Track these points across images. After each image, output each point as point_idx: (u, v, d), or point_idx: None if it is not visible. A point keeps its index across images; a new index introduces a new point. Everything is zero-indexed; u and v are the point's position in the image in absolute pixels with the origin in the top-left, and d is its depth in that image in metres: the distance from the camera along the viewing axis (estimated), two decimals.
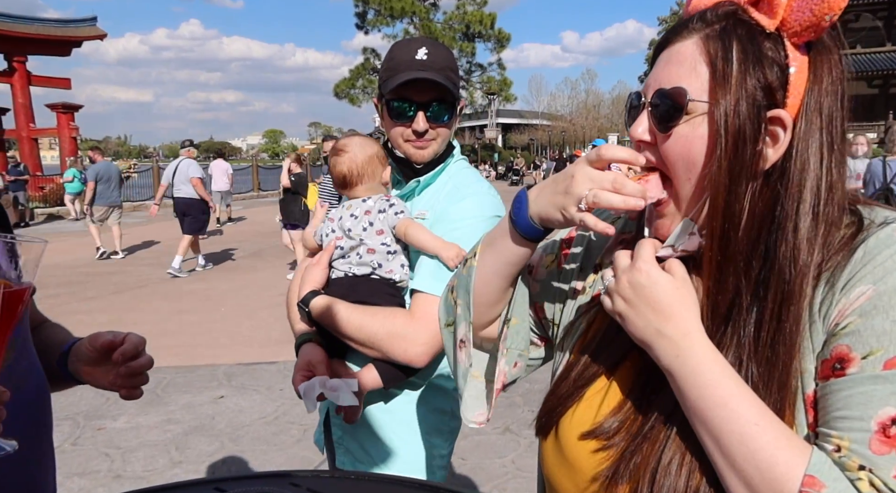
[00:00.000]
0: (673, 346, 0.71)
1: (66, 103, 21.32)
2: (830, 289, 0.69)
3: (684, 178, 0.75)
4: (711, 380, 0.69)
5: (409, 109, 1.45)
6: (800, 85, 0.72)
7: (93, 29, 22.29)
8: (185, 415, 4.32)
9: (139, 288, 8.40)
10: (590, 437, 0.80)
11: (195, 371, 5.16)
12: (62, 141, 20.95)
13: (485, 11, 40.32)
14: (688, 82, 0.73)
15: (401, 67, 1.44)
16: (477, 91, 42.40)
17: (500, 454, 3.68)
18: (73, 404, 4.48)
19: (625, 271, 0.75)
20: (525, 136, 62.68)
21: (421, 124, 1.45)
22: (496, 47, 41.49)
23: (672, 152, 0.75)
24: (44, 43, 21.09)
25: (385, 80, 1.46)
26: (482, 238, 0.96)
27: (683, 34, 0.76)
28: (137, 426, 4.15)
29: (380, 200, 1.50)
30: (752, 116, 0.70)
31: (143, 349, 1.16)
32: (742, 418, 0.67)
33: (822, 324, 0.69)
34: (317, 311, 1.45)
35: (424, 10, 39.99)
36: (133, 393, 1.18)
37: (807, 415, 0.69)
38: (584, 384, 0.85)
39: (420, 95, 1.44)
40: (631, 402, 0.80)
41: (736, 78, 0.70)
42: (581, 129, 63.40)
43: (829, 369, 0.67)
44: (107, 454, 3.76)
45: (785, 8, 0.70)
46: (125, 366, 1.13)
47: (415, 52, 1.44)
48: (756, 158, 0.71)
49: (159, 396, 4.67)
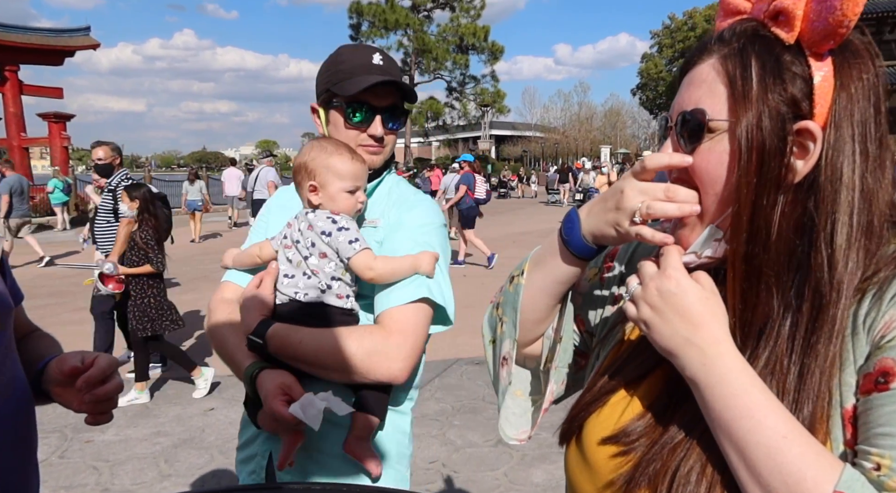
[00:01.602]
0: (700, 354, 0.70)
1: (58, 113, 21.20)
2: (878, 301, 0.68)
3: (711, 193, 0.75)
4: (739, 389, 0.67)
5: (366, 114, 1.43)
6: (826, 93, 0.70)
7: (86, 38, 22.25)
8: (174, 427, 4.27)
9: None
10: (610, 441, 0.80)
11: (185, 383, 5.11)
12: (53, 150, 20.82)
13: (478, 24, 40.72)
14: (708, 102, 0.74)
15: (357, 72, 1.42)
16: (470, 103, 42.66)
17: (493, 467, 3.66)
18: (61, 416, 4.42)
19: (653, 277, 0.74)
20: (518, 147, 62.95)
21: (379, 129, 1.43)
22: (490, 59, 41.86)
23: (698, 170, 0.75)
24: (37, 52, 21.02)
25: (337, 83, 1.42)
26: (530, 257, 0.95)
27: (703, 56, 0.77)
28: (126, 439, 4.10)
29: (323, 218, 1.36)
30: (777, 129, 0.70)
31: (113, 373, 1.13)
32: (770, 429, 0.65)
33: (865, 336, 0.67)
34: (276, 343, 1.30)
35: (418, 23, 40.29)
36: (99, 419, 1.15)
37: (844, 431, 0.67)
38: (610, 391, 0.85)
39: (379, 100, 1.43)
40: (654, 410, 0.79)
41: (756, 94, 0.70)
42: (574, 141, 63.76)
43: (872, 384, 0.65)
44: (94, 468, 3.71)
45: (802, 19, 0.70)
46: (89, 394, 1.10)
47: (370, 58, 1.43)
48: (784, 172, 0.71)
49: (149, 408, 4.62)
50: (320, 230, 1.35)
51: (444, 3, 41.09)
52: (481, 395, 4.80)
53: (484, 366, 5.83)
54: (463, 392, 4.84)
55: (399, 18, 39.18)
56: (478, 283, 8.87)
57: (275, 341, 1.30)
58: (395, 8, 39.40)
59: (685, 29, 54.03)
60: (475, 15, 41.01)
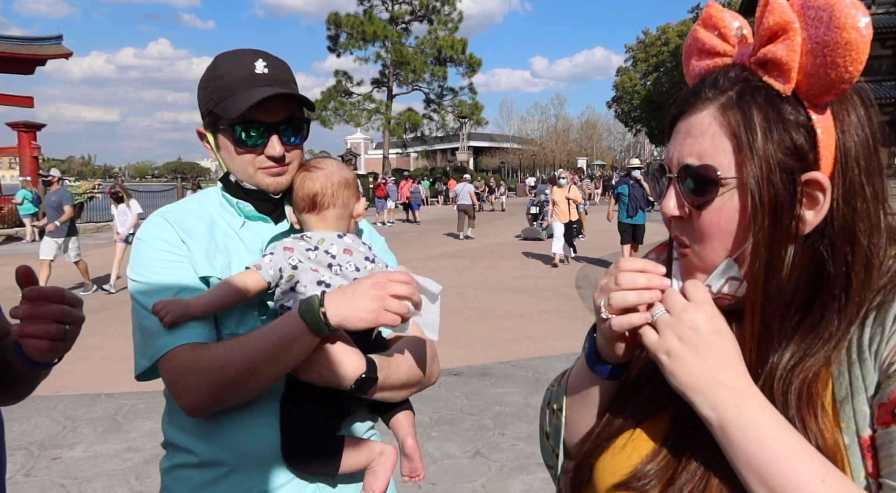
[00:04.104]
0: (732, 395, 0.67)
1: (28, 122, 20.80)
2: (881, 325, 0.67)
3: (719, 247, 0.74)
4: (774, 432, 0.65)
5: (259, 133, 1.23)
6: (829, 143, 0.70)
7: (58, 47, 21.90)
8: (146, 443, 4.17)
9: (101, 311, 8.15)
10: (622, 488, 0.78)
11: (158, 397, 4.97)
12: (23, 160, 20.38)
13: (456, 37, 41.11)
14: (713, 157, 0.72)
15: (238, 86, 1.21)
16: (448, 114, 42.88)
17: (470, 479, 3.64)
18: (27, 432, 4.30)
19: (686, 308, 0.71)
20: (496, 159, 63.45)
21: (277, 148, 1.23)
22: (467, 72, 42.23)
23: (708, 226, 0.74)
24: (7, 61, 20.62)
25: (219, 102, 1.22)
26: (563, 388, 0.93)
27: (698, 105, 0.74)
28: (95, 455, 3.99)
29: (362, 246, 1.30)
30: (786, 182, 0.69)
31: (70, 302, 1.04)
32: (807, 473, 0.63)
33: (873, 362, 0.66)
34: (385, 383, 1.20)
35: (396, 35, 40.49)
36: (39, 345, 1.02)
37: (864, 460, 0.65)
38: (615, 434, 0.83)
39: (270, 116, 1.22)
40: (665, 452, 0.77)
41: (762, 147, 0.69)
42: (551, 152, 64.49)
43: (890, 415, 0.63)
44: (62, 485, 3.60)
45: (798, 72, 0.68)
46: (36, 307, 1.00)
47: (251, 66, 1.23)
48: (795, 224, 0.70)
49: (119, 423, 4.51)
50: (364, 256, 1.28)
51: (422, 15, 41.40)
52: (459, 406, 4.78)
53: (462, 377, 5.80)
54: (441, 403, 4.82)
55: (377, 30, 39.31)
56: (455, 293, 8.88)
57: (386, 383, 1.21)
58: (374, 20, 39.55)
59: (658, 44, 55.09)
60: (453, 28, 41.39)
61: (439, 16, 41.09)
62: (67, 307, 1.04)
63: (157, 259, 1.21)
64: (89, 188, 23.58)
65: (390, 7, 40.87)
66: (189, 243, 1.23)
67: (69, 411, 4.74)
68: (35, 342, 1.02)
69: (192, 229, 1.25)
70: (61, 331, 1.03)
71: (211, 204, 1.33)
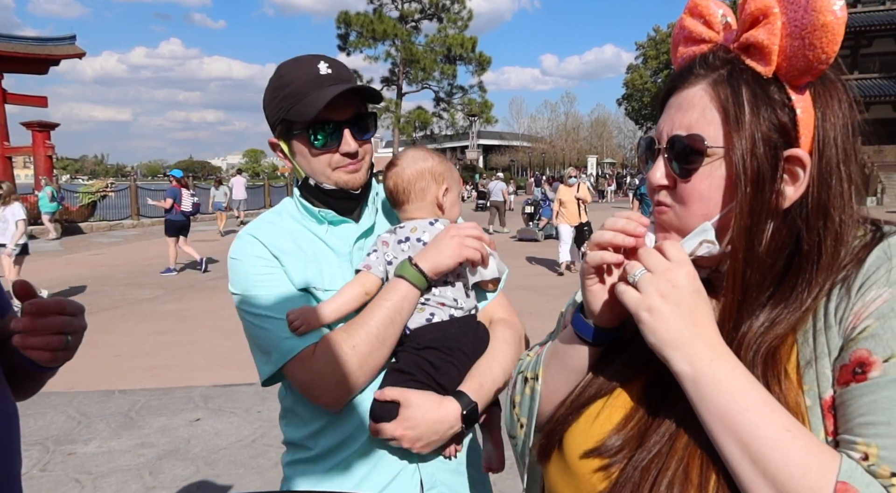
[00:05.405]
0: (708, 350, 0.71)
1: (42, 121, 20.99)
2: (846, 293, 0.70)
3: (699, 213, 0.77)
4: (745, 385, 0.69)
5: (332, 132, 1.27)
6: (808, 122, 0.74)
7: (71, 47, 22.08)
8: (159, 439, 4.22)
9: (113, 309, 8.24)
10: (593, 454, 0.80)
11: (171, 393, 5.06)
12: (37, 159, 20.58)
13: (466, 35, 41.03)
14: (702, 127, 0.76)
15: (308, 89, 1.25)
16: (458, 113, 42.86)
17: None
18: (43, 428, 4.36)
19: (669, 267, 0.74)
20: (506, 157, 63.31)
21: (351, 144, 1.28)
22: (477, 70, 42.12)
23: (692, 195, 0.77)
24: (22, 61, 20.81)
25: (291, 108, 1.26)
26: (542, 357, 0.94)
27: (690, 80, 0.78)
28: (110, 451, 4.04)
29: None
30: (769, 156, 0.73)
31: (71, 311, 1.04)
32: (775, 423, 0.66)
33: (837, 328, 0.70)
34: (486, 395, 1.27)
35: (406, 33, 40.51)
36: (41, 357, 1.02)
37: (825, 421, 0.68)
38: (586, 403, 0.85)
39: (340, 113, 1.26)
40: (633, 420, 0.80)
41: (749, 121, 0.73)
42: (561, 151, 64.22)
43: (850, 374, 0.67)
44: (77, 480, 3.65)
45: (778, 54, 0.72)
46: (36, 320, 1.00)
47: (316, 69, 1.26)
48: (775, 197, 0.73)
49: (133, 419, 4.56)
50: None
51: (432, 14, 41.40)
52: None
53: None
54: None
55: (387, 29, 39.36)
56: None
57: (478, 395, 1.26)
58: (383, 18, 39.61)
59: (669, 41, 54.50)
60: (462, 26, 41.34)
61: (449, 14, 41.07)
62: (68, 318, 1.04)
63: (252, 274, 1.28)
64: (102, 187, 23.83)
65: (400, 5, 40.92)
66: (281, 258, 1.28)
67: (83, 407, 4.80)
68: (38, 354, 1.02)
69: (280, 244, 1.30)
70: (63, 342, 1.03)
71: (290, 215, 1.38)
